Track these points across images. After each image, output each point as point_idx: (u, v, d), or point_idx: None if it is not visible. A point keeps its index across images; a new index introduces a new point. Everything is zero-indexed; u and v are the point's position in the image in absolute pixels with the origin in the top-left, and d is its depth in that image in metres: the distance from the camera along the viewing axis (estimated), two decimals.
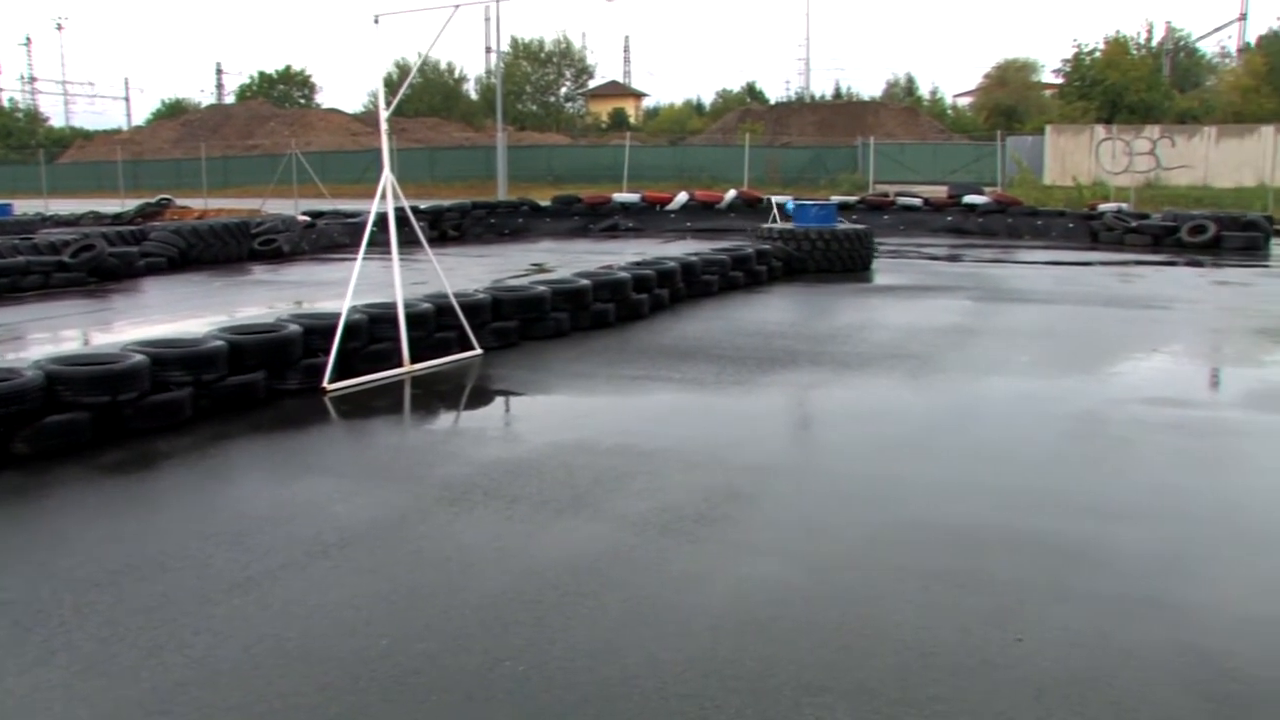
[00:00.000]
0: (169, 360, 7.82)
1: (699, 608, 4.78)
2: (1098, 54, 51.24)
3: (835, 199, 24.27)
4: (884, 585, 5.03)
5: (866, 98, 69.03)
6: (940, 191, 29.53)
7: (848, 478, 6.87)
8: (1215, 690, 4.03)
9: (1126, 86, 48.45)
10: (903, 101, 67.97)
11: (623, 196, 28.99)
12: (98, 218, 26.98)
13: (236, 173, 48.46)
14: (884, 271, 18.22)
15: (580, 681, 4.09)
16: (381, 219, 10.04)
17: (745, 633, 4.51)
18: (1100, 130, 38.93)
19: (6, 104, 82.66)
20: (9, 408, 6.82)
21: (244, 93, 79.32)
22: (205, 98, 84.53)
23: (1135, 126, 39.22)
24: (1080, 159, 37.57)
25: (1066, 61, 53.42)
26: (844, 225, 18.86)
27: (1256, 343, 11.90)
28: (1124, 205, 26.70)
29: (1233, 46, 59.84)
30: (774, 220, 20.21)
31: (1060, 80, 56.28)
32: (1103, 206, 25.83)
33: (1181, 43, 60.63)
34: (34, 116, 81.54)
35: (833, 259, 17.75)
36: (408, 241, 10.30)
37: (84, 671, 4.21)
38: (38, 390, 7.01)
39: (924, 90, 75.88)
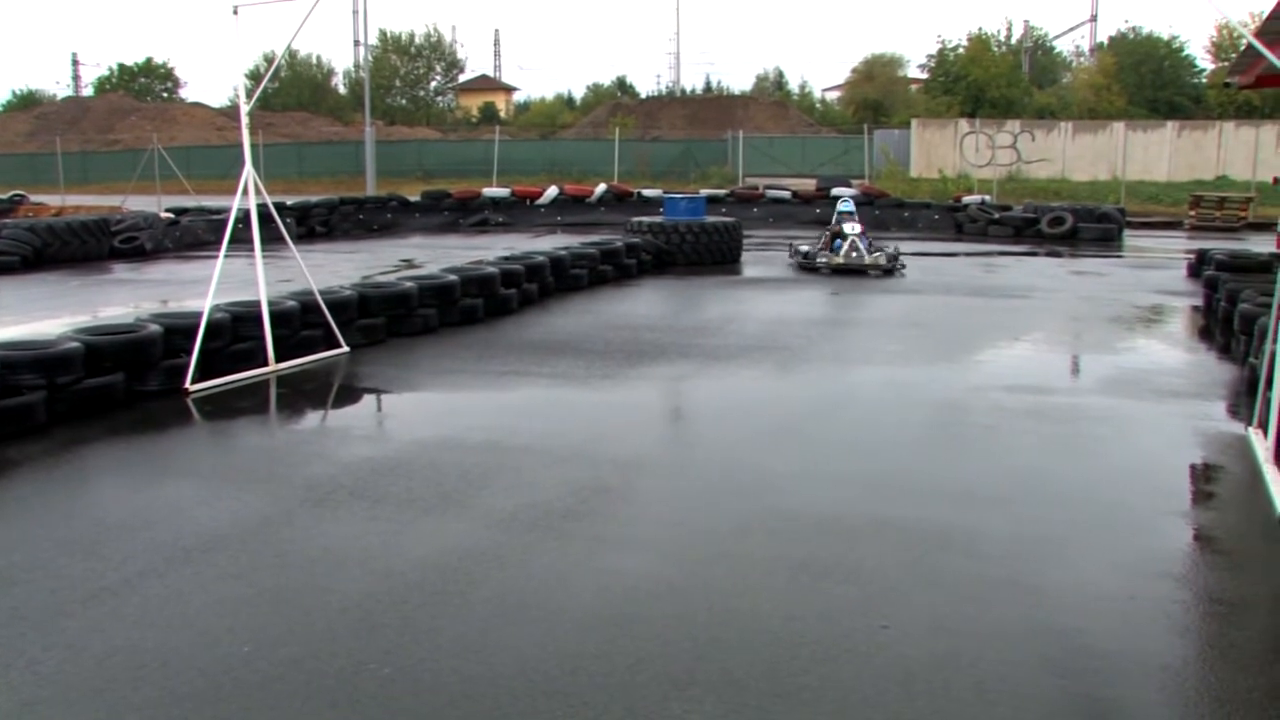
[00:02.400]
0: (20, 363, 7.54)
1: (566, 604, 4.77)
2: (961, 50, 52.55)
3: (705, 192, 24.42)
4: (752, 577, 5.08)
5: (737, 92, 69.60)
6: (809, 184, 29.93)
7: (716, 470, 6.92)
8: (1070, 666, 4.15)
9: (989, 82, 49.75)
10: (772, 95, 68.67)
11: (493, 191, 28.82)
12: None
13: (96, 168, 47.03)
14: (753, 264, 18.41)
15: (447, 682, 4.05)
16: (245, 215, 9.83)
17: (613, 628, 4.51)
18: (964, 124, 39.92)
19: None
20: None
21: (102, 85, 76.94)
22: (61, 90, 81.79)
23: (997, 121, 40.27)
24: (945, 152, 38.48)
25: (931, 57, 54.76)
26: (713, 219, 18.99)
27: (1112, 330, 12.28)
28: (987, 197, 27.41)
29: (1086, 46, 61.77)
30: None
31: (925, 75, 57.57)
32: (967, 199, 26.48)
33: (1039, 41, 62.35)
34: None
35: (702, 252, 17.88)
36: (274, 238, 10.11)
37: None
38: None
39: (793, 84, 76.83)
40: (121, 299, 14.41)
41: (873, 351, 10.80)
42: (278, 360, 9.48)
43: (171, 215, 23.08)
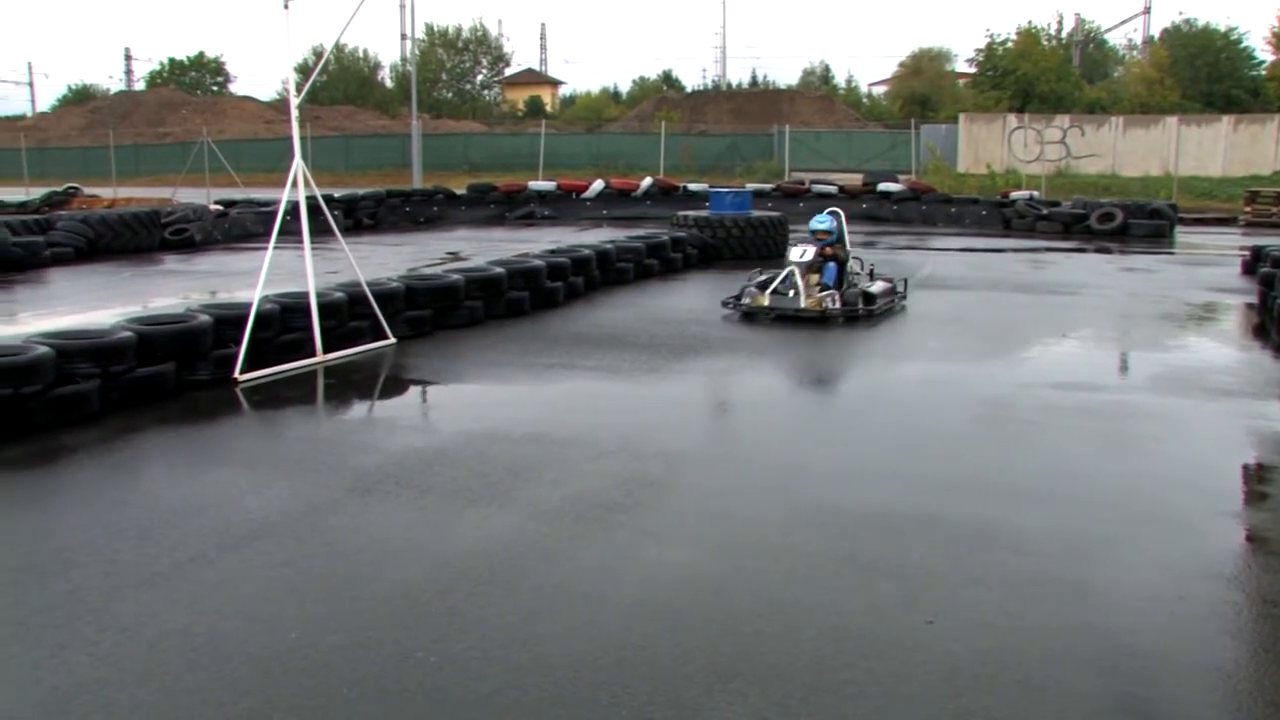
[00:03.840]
0: (75, 352, 7.65)
1: (612, 595, 4.78)
2: (1010, 44, 52.02)
3: (750, 187, 24.38)
4: (797, 570, 5.07)
5: (783, 86, 69.33)
6: (855, 179, 29.77)
7: (761, 464, 6.92)
8: (1117, 665, 4.12)
9: (1038, 76, 49.23)
10: (819, 90, 68.42)
11: (539, 184, 28.88)
12: (1, 206, 26.29)
13: (147, 161, 47.54)
14: None
15: (493, 672, 4.07)
16: (294, 208, 9.91)
17: (658, 620, 4.52)
18: (1012, 119, 39.53)
19: None
20: None
21: (154, 79, 77.73)
22: (114, 84, 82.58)
23: (1046, 116, 39.86)
24: (993, 147, 38.16)
25: (980, 51, 54.22)
26: (758, 213, 18.94)
27: (1162, 328, 12.16)
28: (1035, 193, 27.16)
29: (1138, 39, 61.00)
30: None
31: (974, 70, 57.06)
32: (1015, 194, 26.25)
33: (1090, 34, 61.70)
34: None
35: (748, 246, 17.85)
36: (322, 230, 10.19)
37: None
38: None
39: (840, 79, 76.45)
40: (171, 290, 14.56)
41: (919, 347, 10.74)
42: (325, 351, 9.56)
43: (220, 207, 23.29)
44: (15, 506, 6.13)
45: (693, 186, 28.20)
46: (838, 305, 11.92)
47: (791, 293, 11.95)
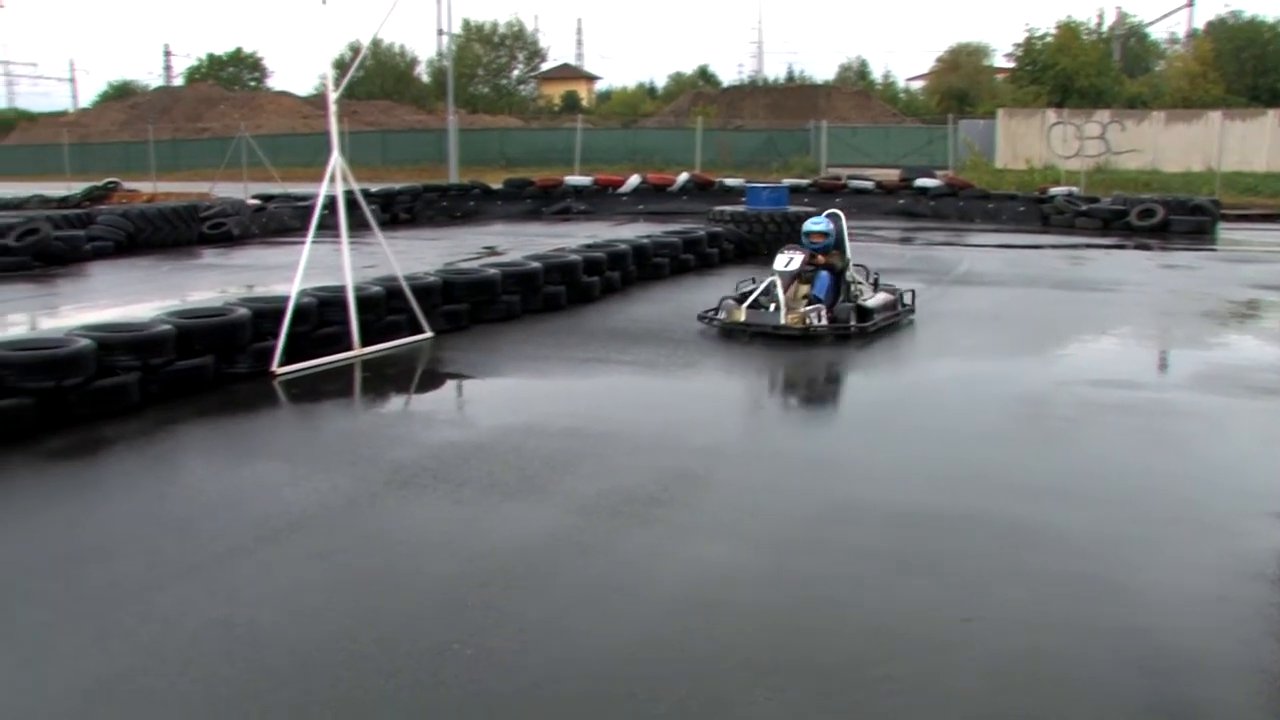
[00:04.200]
0: (115, 345, 7.72)
1: (649, 590, 4.79)
2: (1049, 39, 51.53)
3: (787, 182, 24.29)
4: (835, 567, 5.06)
5: (819, 81, 69.16)
6: (892, 175, 29.65)
7: (798, 460, 6.91)
8: (1157, 666, 4.09)
9: (1077, 71, 48.76)
10: (855, 85, 68.15)
11: (575, 179, 28.88)
12: (43, 201, 26.53)
13: (186, 156, 47.83)
14: None
15: (529, 664, 4.08)
16: (331, 202, 9.95)
17: (695, 614, 4.52)
18: (1051, 114, 39.19)
19: None
20: None
21: (193, 75, 78.24)
22: (153, 80, 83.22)
23: (1086, 111, 39.50)
24: (1032, 143, 37.86)
25: (1018, 46, 53.65)
26: (795, 208, 18.88)
27: (1203, 325, 12.04)
28: (1074, 189, 26.92)
29: (1181, 32, 60.36)
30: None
31: (1012, 64, 56.60)
32: (1053, 190, 26.03)
33: (1132, 28, 61.12)
34: None
35: (784, 241, 17.75)
36: (358, 225, 10.22)
37: (28, 660, 4.17)
38: None
39: (876, 74, 76.17)
40: (210, 283, 14.68)
41: (956, 343, 10.68)
42: (363, 345, 9.59)
43: (258, 202, 23.44)
44: (58, 497, 6.19)
45: (729, 182, 28.11)
46: (824, 321, 10.42)
47: (773, 306, 10.48)
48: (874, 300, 11.12)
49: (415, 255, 16.26)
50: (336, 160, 9.89)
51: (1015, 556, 5.17)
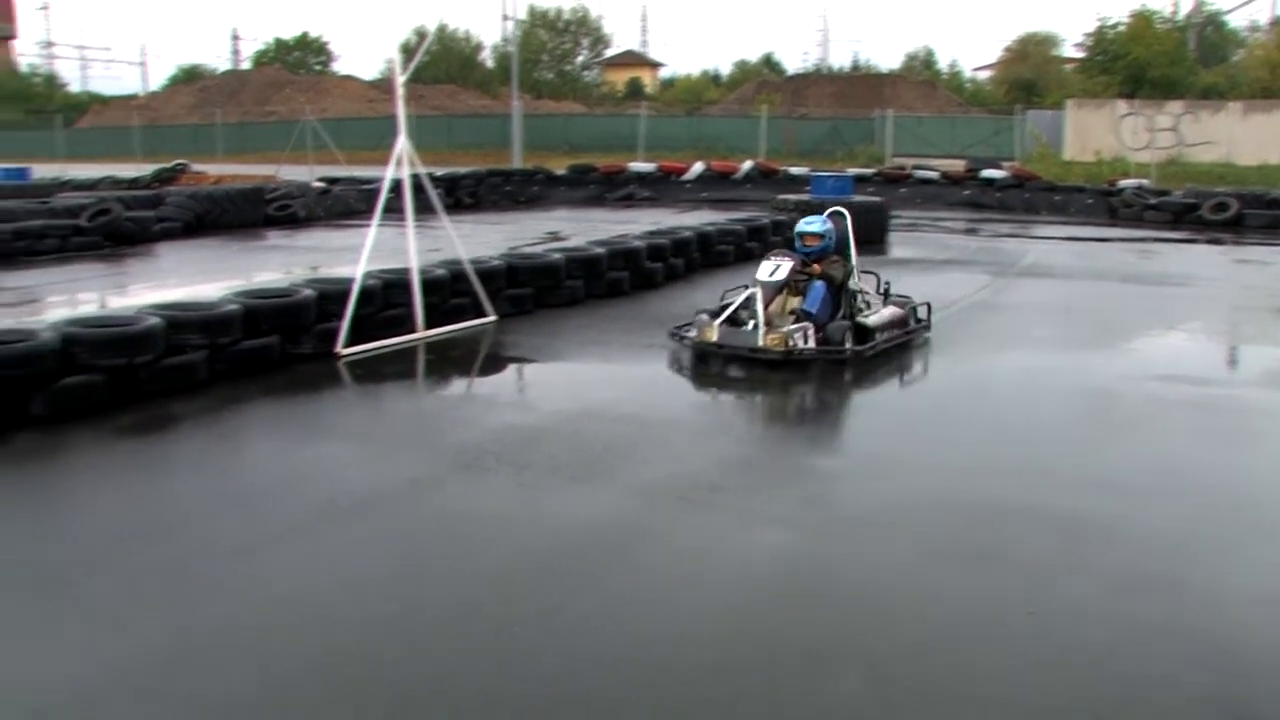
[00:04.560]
0: (184, 323, 7.82)
1: (710, 576, 4.78)
2: (1121, 28, 50.75)
3: (851, 171, 24.14)
4: (897, 557, 5.02)
5: (884, 70, 68.56)
6: (957, 165, 29.35)
7: (861, 449, 6.87)
8: (1221, 666, 4.02)
9: (1150, 61, 47.93)
10: (921, 75, 67.53)
11: (639, 166, 28.88)
12: (115, 182, 26.89)
13: (252, 139, 48.33)
14: (899, 244, 18.11)
15: (589, 647, 4.09)
16: (397, 185, 10.01)
17: (756, 602, 4.51)
18: (1122, 105, 38.57)
19: (25, 69, 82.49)
20: (26, 369, 6.82)
21: (260, 59, 79.08)
22: (221, 64, 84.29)
23: (1158, 102, 38.82)
24: (1101, 134, 37.28)
25: (1089, 35, 52.92)
26: (860, 198, 18.76)
27: (1276, 321, 11.83)
28: (1144, 181, 26.48)
29: (1263, 20, 59.08)
30: None
31: (1082, 54, 55.79)
32: (1122, 182, 25.62)
33: (1210, 17, 59.95)
34: (52, 81, 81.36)
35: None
36: (423, 208, 10.27)
37: (97, 631, 4.24)
38: (54, 352, 7.01)
39: (943, 64, 75.44)
40: (275, 265, 14.84)
41: (1021, 336, 10.56)
42: (427, 327, 9.65)
43: (323, 184, 23.64)
44: (127, 471, 6.31)
45: (793, 170, 27.98)
46: (811, 343, 8.74)
47: (752, 324, 8.79)
48: (877, 316, 9.43)
49: (479, 239, 16.32)
50: (403, 144, 9.94)
51: (1078, 551, 5.10)
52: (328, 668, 3.94)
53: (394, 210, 10.04)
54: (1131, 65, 47.91)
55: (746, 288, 9.05)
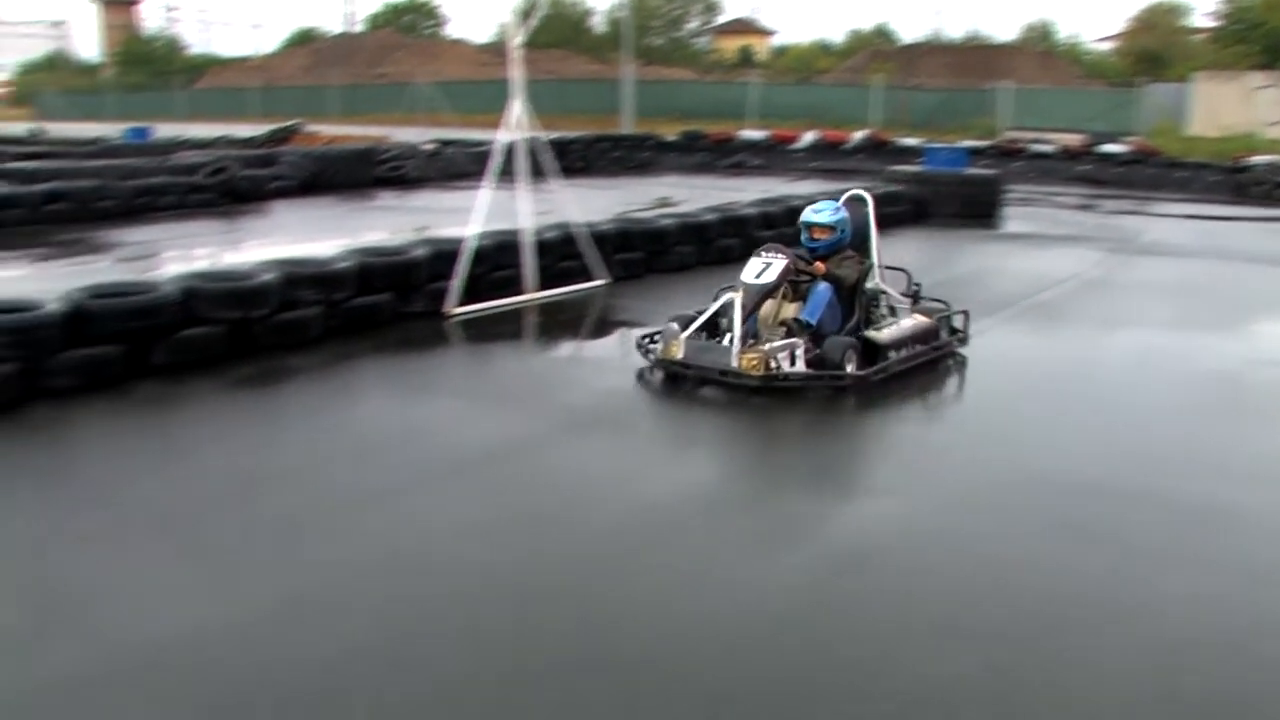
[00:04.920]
0: (300, 279, 7.95)
1: (819, 545, 4.74)
2: None
3: (965, 144, 23.67)
4: (1011, 535, 4.94)
5: (1001, 41, 67.18)
6: (1075, 139, 28.62)
7: (969, 427, 6.73)
8: None
9: None
10: (1039, 45, 66.01)
11: (749, 134, 28.69)
12: (230, 141, 27.42)
13: (364, 100, 48.93)
14: (1013, 219, 17.72)
15: (689, 611, 4.09)
16: (509, 148, 10.03)
17: (869, 570, 4.47)
18: (1257, 77, 37.10)
19: (150, 32, 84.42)
20: (148, 320, 7.00)
21: (373, 22, 79.94)
22: (335, 27, 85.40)
23: None
24: (1231, 108, 35.86)
25: (1223, 3, 51.07)
26: (973, 170, 18.41)
27: None
28: (1276, 158, 25.56)
29: None
30: None
31: (1215, 23, 53.87)
32: (1253, 159, 24.74)
33: None
34: (174, 44, 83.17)
35: (961, 204, 17.33)
36: (534, 172, 10.29)
37: (218, 572, 4.36)
38: (175, 305, 7.18)
39: (1064, 35, 73.59)
40: (386, 224, 14.96)
41: (1141, 315, 10.26)
42: (537, 289, 9.68)
43: (434, 146, 23.82)
44: (244, 422, 6.45)
45: (905, 141, 27.57)
46: (800, 364, 6.93)
47: (728, 338, 7.05)
48: (894, 329, 7.58)
49: (588, 203, 16.32)
50: (518, 107, 9.96)
51: (1195, 536, 4.96)
52: (439, 613, 4.00)
53: (504, 173, 10.06)
54: (1270, 34, 46.01)
55: (731, 289, 7.32)
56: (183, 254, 12.39)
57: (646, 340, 7.54)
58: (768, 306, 7.31)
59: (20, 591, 4.20)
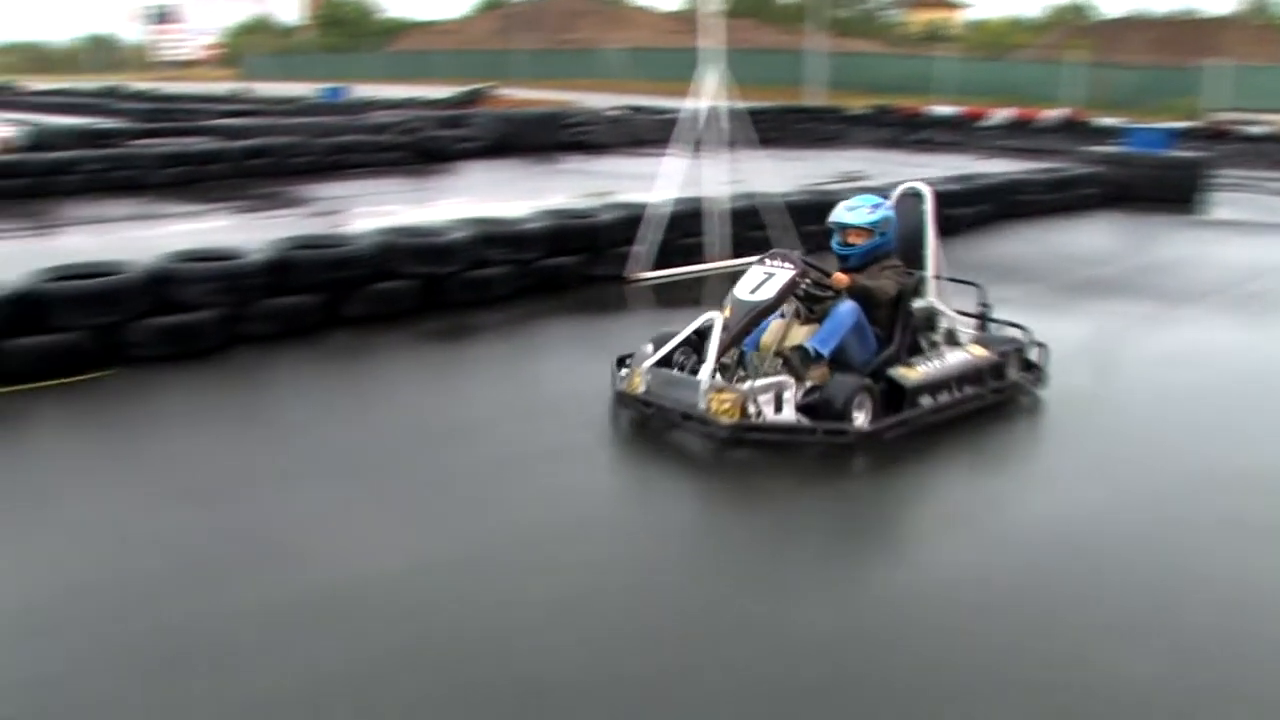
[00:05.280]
0: (492, 238, 8.08)
1: (1014, 531, 4.64)
2: None
3: (1169, 124, 22.69)
4: (1201, 532, 4.72)
5: (1212, 15, 64.22)
6: None
7: (1164, 418, 6.41)
8: None
9: None
10: (1259, 19, 62.81)
11: (938, 109, 28.10)
12: (421, 103, 28.02)
13: (551, 65, 49.44)
14: (1219, 205, 16.92)
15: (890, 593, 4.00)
16: (700, 115, 9.97)
17: (1064, 555, 4.36)
18: None
19: None
20: (345, 272, 7.20)
21: None
22: None
23: None
24: None
25: None
26: (1175, 153, 17.62)
27: None
28: None
29: None
30: None
31: None
32: None
33: None
34: (369, 8, 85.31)
35: (1162, 187, 16.61)
36: (719, 141, 10.21)
37: (408, 519, 4.49)
38: (369, 259, 7.36)
39: None
40: (570, 188, 15.08)
41: None
42: (725, 257, 9.63)
43: (619, 112, 23.92)
44: (432, 374, 6.66)
45: (1102, 121, 26.60)
46: (788, 410, 5.42)
47: (704, 371, 5.49)
48: (930, 368, 5.85)
49: (774, 174, 16.20)
50: (713, 75, 9.90)
51: None
52: (603, 581, 4.03)
53: (691, 141, 10.02)
54: None
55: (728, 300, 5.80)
56: (373, 210, 12.69)
57: (625, 361, 6.07)
58: (773, 330, 5.81)
59: (226, 524, 4.38)
